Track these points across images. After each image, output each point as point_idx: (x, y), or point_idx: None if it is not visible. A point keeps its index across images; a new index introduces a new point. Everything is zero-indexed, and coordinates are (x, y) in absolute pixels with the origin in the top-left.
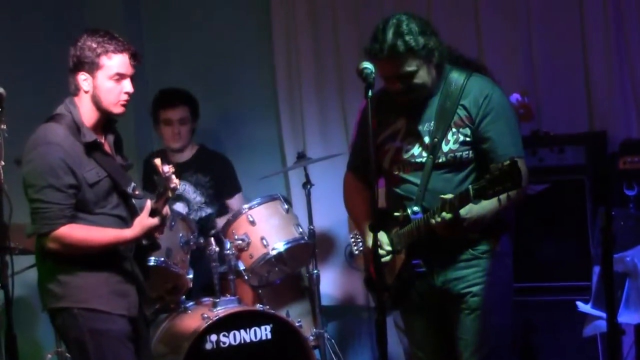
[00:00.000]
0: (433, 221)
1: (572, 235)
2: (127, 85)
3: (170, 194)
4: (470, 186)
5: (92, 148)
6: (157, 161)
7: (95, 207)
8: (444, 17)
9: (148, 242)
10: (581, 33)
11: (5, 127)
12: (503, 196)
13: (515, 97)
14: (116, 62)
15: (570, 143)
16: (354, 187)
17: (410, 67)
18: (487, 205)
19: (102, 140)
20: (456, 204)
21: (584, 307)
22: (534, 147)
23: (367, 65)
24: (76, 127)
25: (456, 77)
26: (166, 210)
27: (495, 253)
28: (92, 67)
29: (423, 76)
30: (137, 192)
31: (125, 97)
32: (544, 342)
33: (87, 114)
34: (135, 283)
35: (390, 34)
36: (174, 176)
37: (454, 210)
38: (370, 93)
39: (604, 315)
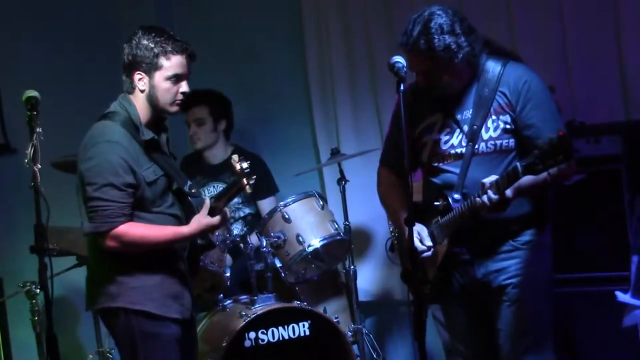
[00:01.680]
0: (479, 200)
1: (609, 226)
2: (184, 86)
3: (248, 190)
4: (517, 163)
5: (149, 146)
6: (235, 157)
7: (152, 206)
8: (476, 8)
9: (204, 241)
10: (615, 20)
11: (41, 130)
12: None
13: None
14: (174, 63)
15: (606, 133)
16: (389, 182)
17: (430, 66)
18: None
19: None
20: (503, 184)
21: (623, 297)
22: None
23: (399, 59)
24: (133, 125)
25: (493, 65)
26: (225, 211)
27: (536, 244)
28: (149, 68)
29: (444, 75)
30: (193, 191)
31: (181, 97)
32: (584, 333)
33: (143, 112)
34: (188, 284)
35: (417, 29)
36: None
37: (500, 190)
38: (402, 87)
39: None
